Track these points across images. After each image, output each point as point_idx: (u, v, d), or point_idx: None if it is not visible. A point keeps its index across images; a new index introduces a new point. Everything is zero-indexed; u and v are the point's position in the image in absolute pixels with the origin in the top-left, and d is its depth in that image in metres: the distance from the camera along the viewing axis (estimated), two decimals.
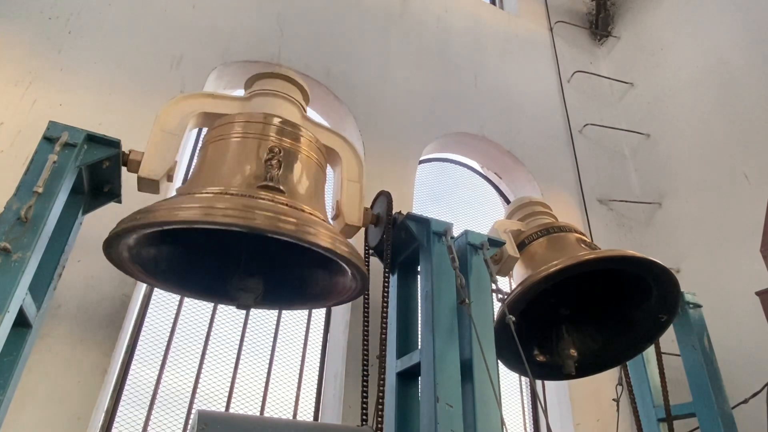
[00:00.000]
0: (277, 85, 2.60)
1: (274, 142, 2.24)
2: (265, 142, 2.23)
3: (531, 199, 3.33)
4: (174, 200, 2.00)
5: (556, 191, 4.54)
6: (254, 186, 2.07)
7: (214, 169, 2.21)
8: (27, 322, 1.89)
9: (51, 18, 3.37)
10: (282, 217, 1.90)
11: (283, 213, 1.93)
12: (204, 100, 2.54)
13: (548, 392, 3.88)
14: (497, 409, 2.07)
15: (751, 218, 3.69)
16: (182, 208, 1.89)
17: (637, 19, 5.74)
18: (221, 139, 2.30)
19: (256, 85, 2.63)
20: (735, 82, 4.36)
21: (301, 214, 2.01)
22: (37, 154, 1.92)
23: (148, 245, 2.25)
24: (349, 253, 2.06)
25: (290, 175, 2.24)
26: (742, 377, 3.41)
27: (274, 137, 2.28)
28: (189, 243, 2.40)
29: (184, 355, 2.99)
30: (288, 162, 2.24)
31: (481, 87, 4.88)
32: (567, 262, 2.53)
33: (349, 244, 2.15)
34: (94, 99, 3.18)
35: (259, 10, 4.17)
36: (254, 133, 2.28)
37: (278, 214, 1.91)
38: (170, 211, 1.87)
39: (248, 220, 1.84)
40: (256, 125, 2.32)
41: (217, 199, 1.97)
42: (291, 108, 2.57)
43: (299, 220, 1.94)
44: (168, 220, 1.85)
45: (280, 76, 2.63)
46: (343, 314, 3.30)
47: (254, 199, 1.97)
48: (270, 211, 1.91)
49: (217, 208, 1.87)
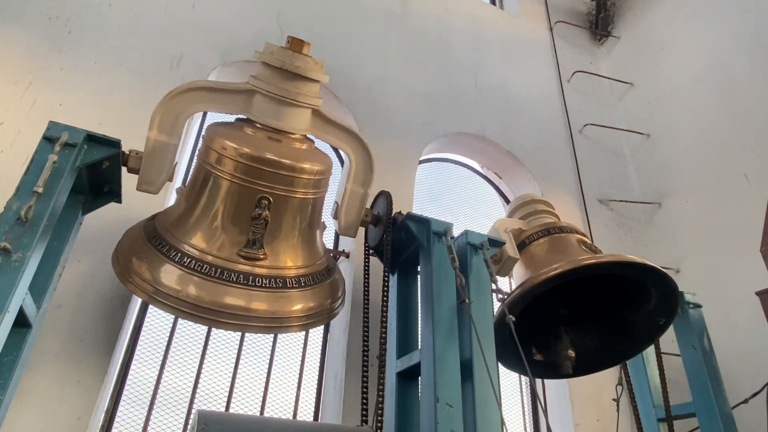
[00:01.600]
0: (285, 83, 2.29)
1: (265, 189, 2.20)
2: (256, 189, 2.21)
3: (533, 198, 3.31)
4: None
5: (556, 191, 4.54)
6: (235, 252, 2.19)
7: (202, 219, 2.26)
8: (27, 322, 1.89)
9: (51, 18, 3.36)
10: (250, 316, 2.11)
11: (253, 301, 2.13)
12: (200, 95, 2.31)
13: (548, 392, 3.88)
14: (497, 409, 2.07)
15: (751, 218, 3.68)
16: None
17: (637, 19, 5.73)
18: (213, 169, 2.24)
19: (262, 76, 2.31)
20: (735, 82, 4.36)
21: (272, 296, 2.17)
22: (37, 154, 1.92)
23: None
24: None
25: (277, 227, 2.27)
26: (742, 377, 3.40)
27: (265, 185, 2.21)
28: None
29: (184, 355, 2.99)
30: (277, 211, 2.24)
31: (481, 87, 4.88)
32: (567, 267, 2.53)
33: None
34: (94, 99, 3.18)
35: (259, 10, 4.16)
36: (244, 178, 2.21)
37: (248, 308, 2.12)
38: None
39: (212, 322, 2.09)
40: (246, 168, 2.20)
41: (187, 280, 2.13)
42: (298, 113, 2.33)
43: (269, 306, 2.14)
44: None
45: (290, 73, 2.29)
46: (343, 314, 3.29)
47: (227, 277, 2.14)
48: (240, 305, 2.12)
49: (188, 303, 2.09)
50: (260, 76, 2.32)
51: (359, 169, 2.54)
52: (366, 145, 2.54)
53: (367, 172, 2.55)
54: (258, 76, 2.33)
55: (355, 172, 2.55)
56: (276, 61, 2.28)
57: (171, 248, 2.18)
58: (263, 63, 2.32)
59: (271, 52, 2.30)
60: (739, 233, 3.89)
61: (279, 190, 2.23)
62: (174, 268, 2.12)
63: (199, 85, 2.34)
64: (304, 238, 2.38)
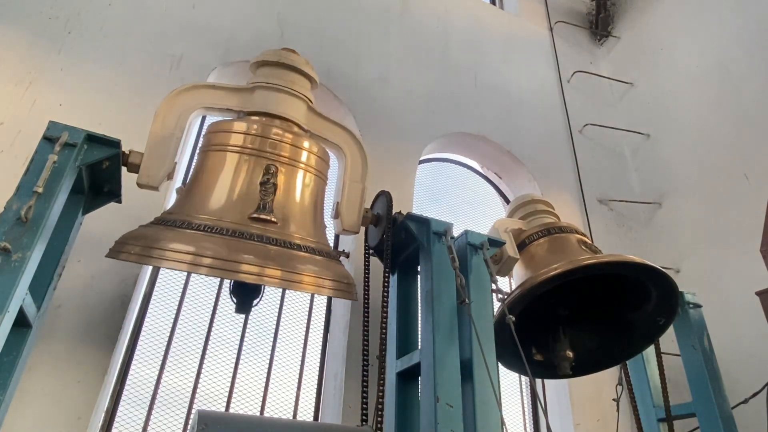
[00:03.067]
0: (282, 76, 2.52)
1: (271, 158, 2.25)
2: (262, 158, 2.24)
3: (533, 197, 3.31)
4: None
5: (556, 191, 4.54)
6: (246, 216, 2.16)
7: (209, 191, 2.24)
8: (27, 322, 1.89)
9: (51, 18, 3.36)
10: (267, 267, 2.05)
11: (270, 253, 2.08)
12: (204, 92, 2.49)
13: (548, 392, 3.88)
14: (497, 409, 2.07)
15: (751, 218, 3.69)
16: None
17: (637, 19, 5.74)
18: (218, 149, 2.29)
19: (259, 74, 2.56)
20: (735, 82, 4.36)
21: (287, 252, 2.14)
22: (37, 154, 1.92)
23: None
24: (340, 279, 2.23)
25: (285, 196, 2.27)
26: (742, 377, 3.41)
27: (271, 153, 2.27)
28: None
29: (184, 355, 2.99)
30: (285, 179, 2.26)
31: (481, 87, 4.88)
32: (567, 267, 2.53)
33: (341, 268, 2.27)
34: (94, 99, 3.18)
35: (259, 10, 4.16)
36: (251, 148, 2.28)
37: (265, 260, 2.05)
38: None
39: (231, 273, 2.00)
40: (253, 138, 2.30)
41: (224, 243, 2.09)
42: (295, 103, 2.51)
43: (284, 263, 2.09)
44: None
45: (285, 66, 2.54)
46: (343, 314, 3.30)
47: (242, 241, 2.09)
48: (258, 257, 2.06)
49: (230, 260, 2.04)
50: (258, 75, 2.55)
51: (355, 164, 2.63)
52: (358, 140, 2.68)
53: (362, 167, 2.65)
54: (256, 75, 2.56)
55: (352, 167, 2.62)
56: (272, 57, 2.57)
57: (181, 222, 2.14)
58: (261, 63, 2.56)
59: (266, 54, 2.61)
60: (739, 233, 3.89)
61: (284, 159, 2.30)
62: (187, 231, 2.08)
63: (202, 84, 2.56)
64: (311, 217, 2.40)
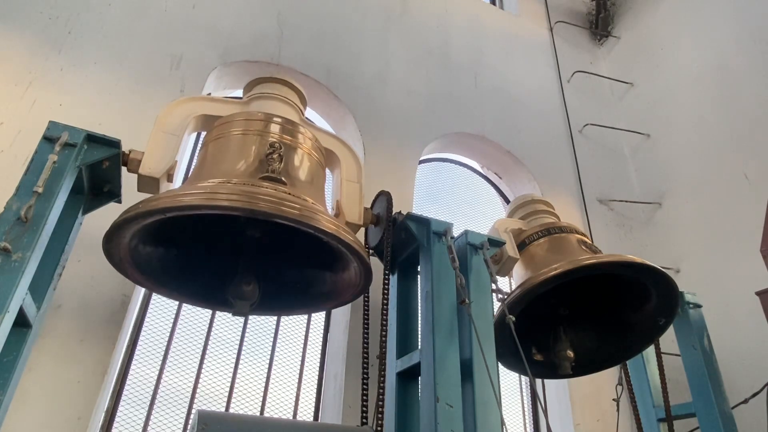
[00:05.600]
0: (275, 89, 2.64)
1: (275, 138, 2.26)
2: (266, 138, 2.24)
3: (533, 197, 3.32)
4: (176, 189, 2.00)
5: (556, 191, 4.54)
6: (256, 177, 2.07)
7: (215, 163, 2.21)
8: (27, 322, 1.89)
9: (51, 18, 3.36)
10: (285, 203, 1.89)
11: (286, 199, 1.92)
12: (204, 103, 2.57)
13: (548, 392, 3.88)
14: (497, 409, 2.07)
15: (751, 218, 3.69)
16: (185, 195, 1.88)
17: (637, 19, 5.74)
18: (222, 137, 2.31)
19: (254, 90, 2.67)
20: (735, 82, 4.36)
21: (305, 202, 2.01)
22: (37, 154, 1.92)
23: (147, 242, 2.23)
24: (353, 242, 2.05)
25: (291, 170, 2.24)
26: (742, 377, 3.41)
27: (274, 134, 2.29)
28: (187, 245, 2.40)
29: (184, 355, 2.99)
30: (288, 158, 2.25)
31: (481, 87, 4.88)
32: (567, 267, 2.53)
33: (352, 233, 2.15)
34: (94, 99, 3.18)
35: (259, 10, 4.17)
36: (255, 130, 2.29)
37: (281, 200, 1.90)
38: (173, 198, 1.85)
39: (252, 204, 1.83)
40: (256, 123, 2.33)
41: (219, 186, 1.97)
42: (289, 111, 2.60)
43: (303, 206, 1.94)
44: (170, 206, 1.82)
45: (279, 81, 2.67)
46: (343, 314, 3.30)
47: (257, 187, 1.97)
48: (273, 197, 1.89)
49: (220, 193, 1.87)
50: (254, 90, 2.68)
51: (349, 166, 2.68)
52: (348, 146, 2.76)
53: (357, 167, 2.70)
54: (252, 91, 2.69)
55: (346, 168, 2.66)
56: (266, 74, 2.78)
57: (191, 186, 2.06)
58: (255, 82, 2.70)
59: (261, 74, 2.81)
60: (739, 233, 3.89)
61: (287, 141, 2.30)
62: (196, 190, 1.95)
63: (200, 96, 2.77)
64: (317, 195, 2.36)
